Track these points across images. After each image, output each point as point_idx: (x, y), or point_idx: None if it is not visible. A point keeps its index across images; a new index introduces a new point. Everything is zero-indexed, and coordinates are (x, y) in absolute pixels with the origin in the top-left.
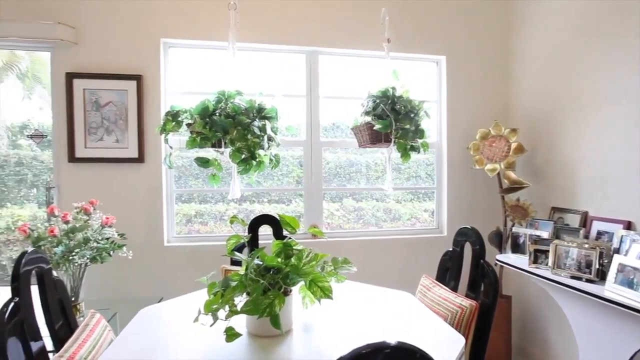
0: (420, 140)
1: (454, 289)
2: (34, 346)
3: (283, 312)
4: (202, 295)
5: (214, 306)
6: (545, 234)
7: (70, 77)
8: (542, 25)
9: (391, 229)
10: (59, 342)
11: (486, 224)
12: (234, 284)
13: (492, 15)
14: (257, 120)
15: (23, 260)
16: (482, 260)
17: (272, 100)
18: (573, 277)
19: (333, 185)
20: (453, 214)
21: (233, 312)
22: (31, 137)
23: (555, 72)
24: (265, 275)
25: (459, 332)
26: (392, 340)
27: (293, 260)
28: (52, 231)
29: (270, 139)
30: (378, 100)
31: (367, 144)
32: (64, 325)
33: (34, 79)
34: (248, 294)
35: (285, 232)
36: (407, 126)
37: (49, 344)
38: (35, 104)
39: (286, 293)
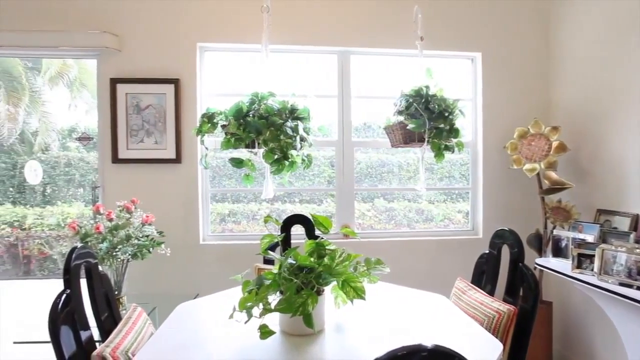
0: (454, 140)
1: (491, 293)
2: (83, 335)
3: (316, 312)
4: (236, 293)
5: (249, 304)
6: (590, 238)
7: (114, 82)
8: (585, 19)
9: (423, 229)
10: (105, 332)
11: (524, 226)
12: (267, 282)
13: (530, 9)
14: (289, 120)
15: (73, 255)
16: (520, 264)
17: (304, 100)
18: (622, 284)
19: (364, 186)
20: (489, 216)
21: (267, 310)
22: (79, 139)
23: (601, 67)
24: (299, 274)
25: (496, 337)
26: (428, 343)
27: (326, 260)
28: (97, 228)
29: (302, 139)
30: (411, 100)
31: (400, 144)
32: (109, 317)
33: (81, 86)
34: (281, 292)
35: (317, 232)
36: (441, 125)
37: (95, 334)
38: (81, 109)
39: (319, 292)
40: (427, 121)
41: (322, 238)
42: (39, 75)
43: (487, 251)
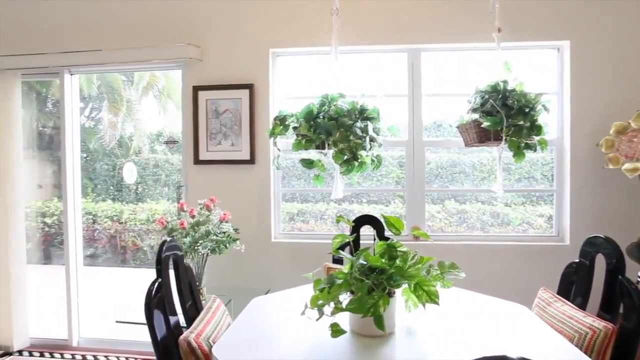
0: (536, 138)
1: (581, 306)
2: (172, 320)
3: (387, 313)
4: (306, 290)
5: (320, 302)
6: None
7: (196, 90)
8: None
9: (499, 234)
10: (189, 319)
11: (623, 234)
12: (339, 281)
13: None
14: (359, 121)
15: (164, 247)
16: (620, 277)
17: (373, 101)
18: None
19: (434, 187)
20: (578, 221)
21: (338, 309)
22: (166, 142)
23: None
24: (369, 275)
25: (589, 358)
26: (513, 354)
27: (398, 261)
28: (182, 224)
29: (372, 139)
30: (487, 96)
31: (475, 143)
32: (193, 305)
33: (167, 95)
34: (352, 292)
35: (387, 233)
36: (521, 122)
37: (181, 320)
38: (167, 115)
39: (390, 294)
40: (505, 118)
41: (392, 239)
42: (132, 87)
43: (577, 260)
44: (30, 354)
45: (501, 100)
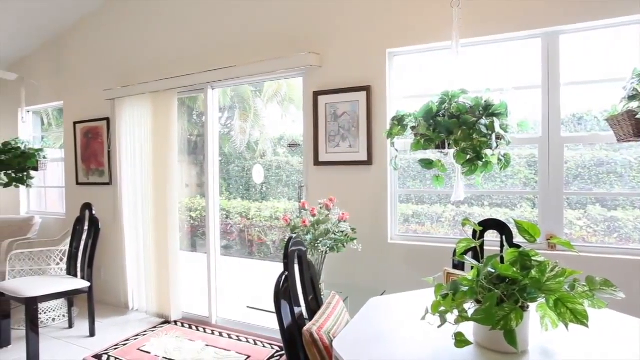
0: None
1: None
2: (296, 310)
3: (519, 329)
4: (423, 295)
5: (442, 308)
6: None
7: (316, 95)
8: None
9: None
10: (310, 311)
11: None
12: (464, 288)
13: None
14: (483, 118)
15: (290, 243)
16: None
17: (501, 95)
18: None
19: (573, 189)
20: None
21: (463, 317)
22: (289, 146)
23: None
24: (498, 285)
25: None
26: None
27: (533, 272)
28: (304, 222)
29: (498, 137)
30: None
31: (630, 138)
32: (314, 298)
33: (289, 101)
34: (478, 302)
35: (517, 240)
36: None
37: (303, 312)
38: (287, 120)
39: (523, 308)
40: None
41: (523, 247)
42: (260, 96)
43: None
44: (182, 325)
45: None
